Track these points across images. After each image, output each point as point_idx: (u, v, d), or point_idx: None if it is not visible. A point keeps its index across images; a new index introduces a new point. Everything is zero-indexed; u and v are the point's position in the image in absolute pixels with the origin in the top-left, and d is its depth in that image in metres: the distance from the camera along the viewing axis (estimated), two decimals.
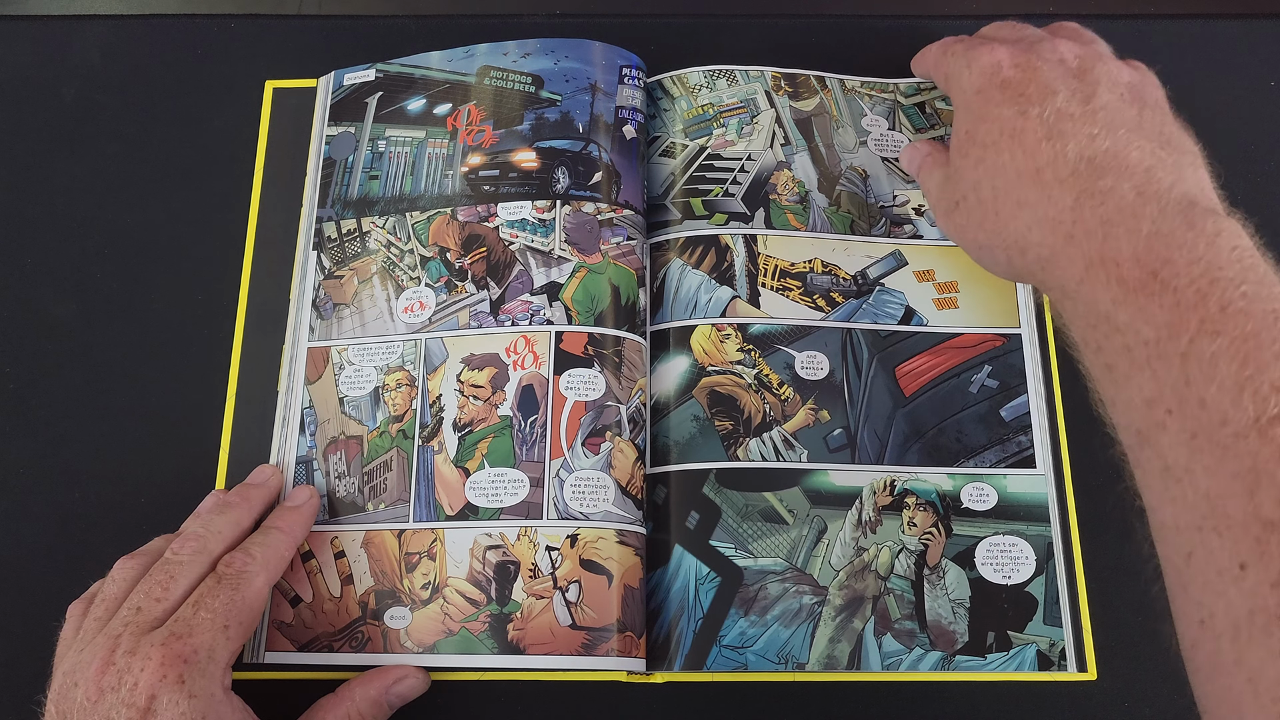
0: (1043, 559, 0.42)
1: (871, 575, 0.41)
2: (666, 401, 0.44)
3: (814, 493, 0.42)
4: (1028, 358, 0.45)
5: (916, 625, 0.41)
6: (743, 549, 0.41)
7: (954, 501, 0.43)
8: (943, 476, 0.43)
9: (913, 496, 0.43)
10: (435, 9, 0.53)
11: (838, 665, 0.40)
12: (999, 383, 0.44)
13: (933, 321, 0.45)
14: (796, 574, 0.41)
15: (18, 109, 0.51)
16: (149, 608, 0.35)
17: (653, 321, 0.45)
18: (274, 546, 0.39)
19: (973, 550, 0.42)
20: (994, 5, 0.53)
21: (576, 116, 0.46)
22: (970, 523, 0.42)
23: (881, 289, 0.46)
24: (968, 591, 0.41)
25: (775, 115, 0.48)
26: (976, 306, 0.46)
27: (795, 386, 0.44)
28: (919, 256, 0.47)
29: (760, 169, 0.47)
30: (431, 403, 0.43)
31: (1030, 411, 0.44)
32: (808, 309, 0.45)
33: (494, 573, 0.40)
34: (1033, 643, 0.41)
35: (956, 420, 0.44)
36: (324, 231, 0.47)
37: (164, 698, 0.33)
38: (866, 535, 0.42)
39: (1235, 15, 0.52)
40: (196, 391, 0.46)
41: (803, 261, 0.46)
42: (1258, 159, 0.49)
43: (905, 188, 0.47)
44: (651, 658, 0.40)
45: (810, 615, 0.41)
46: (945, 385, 0.44)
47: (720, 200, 0.46)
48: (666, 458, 0.43)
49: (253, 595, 0.36)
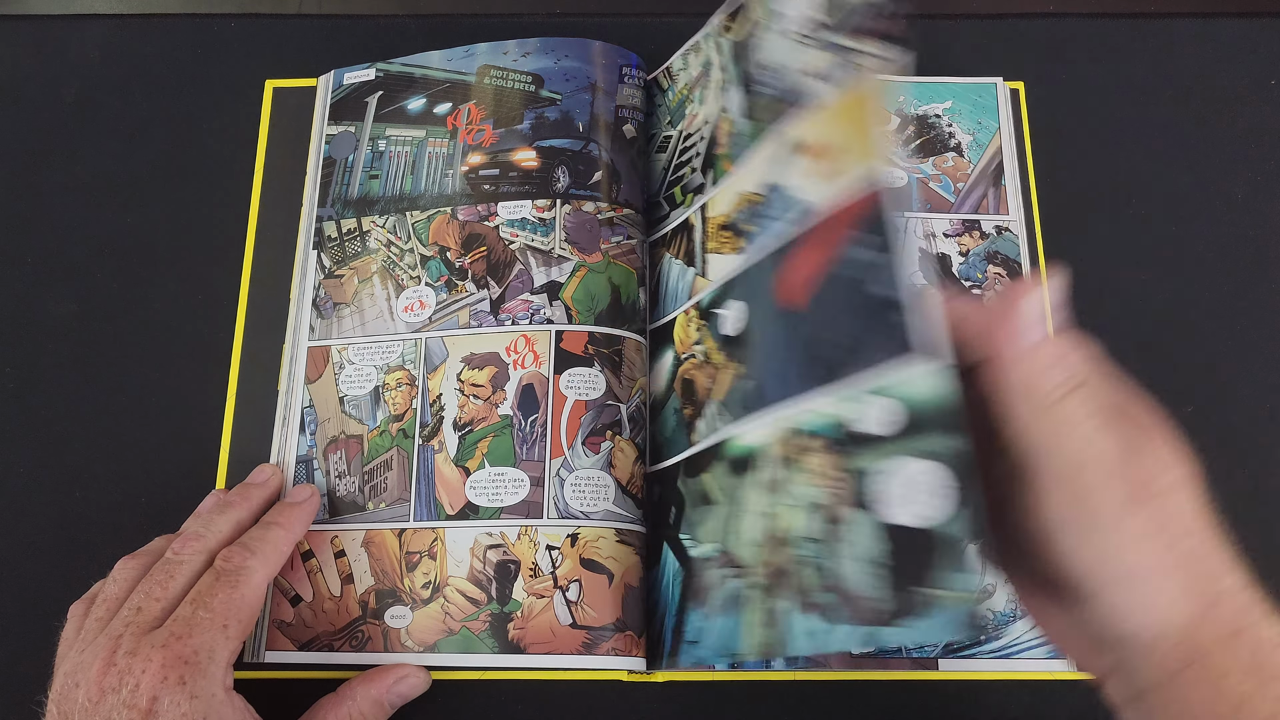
0: (964, 483, 0.28)
1: (783, 544, 0.34)
2: (659, 398, 0.44)
3: (731, 462, 0.37)
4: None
5: (835, 596, 0.32)
6: (692, 538, 0.39)
7: (850, 431, 0.32)
8: (832, 400, 0.32)
9: (810, 436, 0.33)
10: (435, 9, 0.53)
11: (775, 653, 0.34)
12: (870, 252, 0.32)
13: (809, 200, 0.35)
14: (724, 557, 0.37)
15: (18, 109, 0.51)
16: (149, 607, 0.35)
17: (651, 320, 0.45)
18: (272, 541, 0.39)
19: (881, 489, 0.30)
20: (994, 5, 0.53)
21: (576, 116, 0.46)
22: (874, 453, 0.31)
23: (776, 190, 0.37)
24: (883, 545, 0.30)
25: (720, 62, 0.43)
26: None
27: (724, 348, 0.39)
28: (798, 129, 0.36)
29: (711, 128, 0.43)
30: (432, 402, 0.43)
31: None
32: (736, 257, 0.39)
33: (494, 572, 0.40)
34: (955, 601, 0.28)
35: (846, 323, 0.33)
36: (324, 231, 0.47)
37: (165, 699, 0.33)
38: (776, 497, 0.34)
39: (1235, 15, 0.53)
40: (196, 391, 0.46)
41: (731, 209, 0.40)
42: (1258, 159, 0.49)
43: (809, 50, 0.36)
44: (650, 657, 0.40)
45: (739, 601, 0.35)
46: (829, 281, 0.33)
47: (691, 178, 0.45)
48: (659, 455, 0.43)
49: (251, 592, 0.36)
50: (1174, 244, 0.48)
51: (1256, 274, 0.47)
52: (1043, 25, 0.51)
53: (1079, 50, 0.51)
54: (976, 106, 0.50)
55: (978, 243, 0.47)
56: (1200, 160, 0.49)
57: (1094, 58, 0.51)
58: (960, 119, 0.49)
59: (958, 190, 0.48)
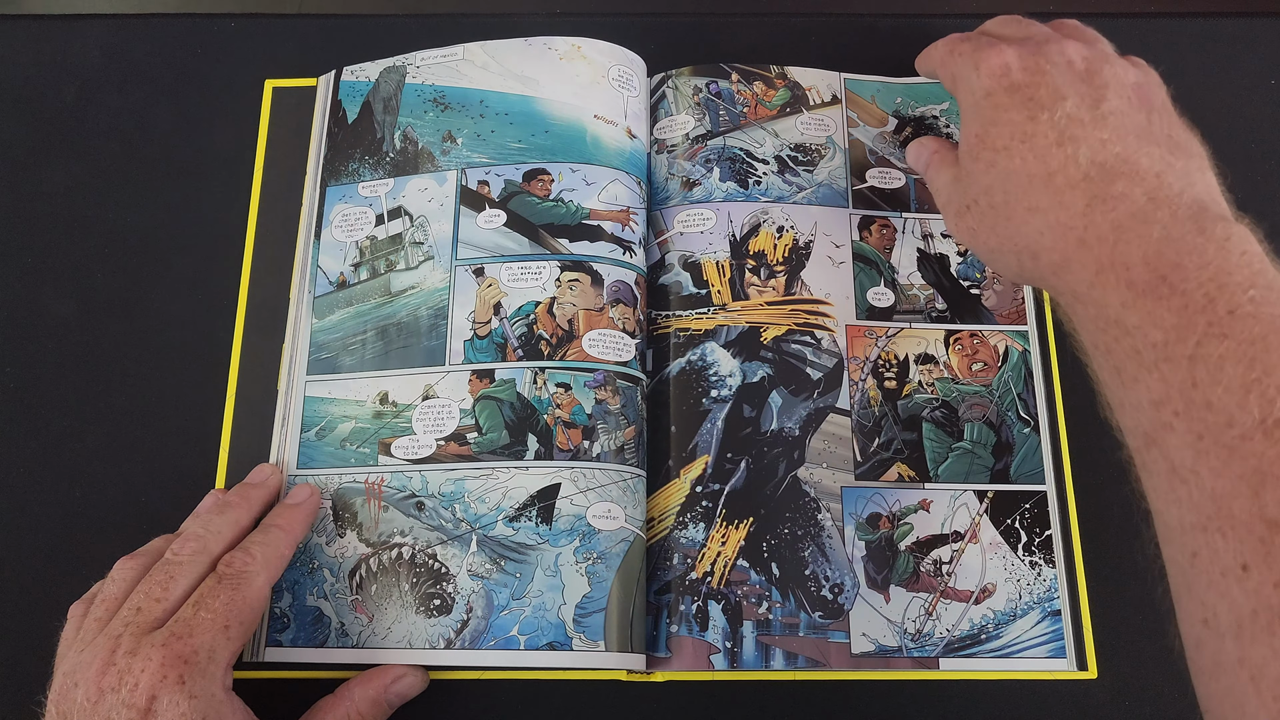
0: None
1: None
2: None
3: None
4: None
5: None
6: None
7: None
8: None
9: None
10: (435, 9, 0.53)
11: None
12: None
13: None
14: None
15: (18, 109, 0.51)
16: (149, 608, 0.35)
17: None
18: (274, 545, 0.39)
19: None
20: (994, 4, 0.53)
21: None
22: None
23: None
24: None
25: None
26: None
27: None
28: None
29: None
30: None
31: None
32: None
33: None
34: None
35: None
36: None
37: (164, 698, 0.33)
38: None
39: (1235, 15, 0.53)
40: (196, 391, 0.46)
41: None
42: (1258, 159, 0.49)
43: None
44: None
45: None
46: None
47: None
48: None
49: (253, 595, 0.36)
50: None
51: None
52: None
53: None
54: None
55: None
56: None
57: None
58: (957, 120, 0.49)
59: None
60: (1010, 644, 0.41)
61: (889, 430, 0.45)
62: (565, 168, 0.45)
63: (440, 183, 0.46)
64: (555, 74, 0.47)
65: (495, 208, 0.45)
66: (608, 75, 0.47)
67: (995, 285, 0.47)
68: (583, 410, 0.42)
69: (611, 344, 0.43)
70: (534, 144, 0.46)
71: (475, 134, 0.47)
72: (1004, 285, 0.47)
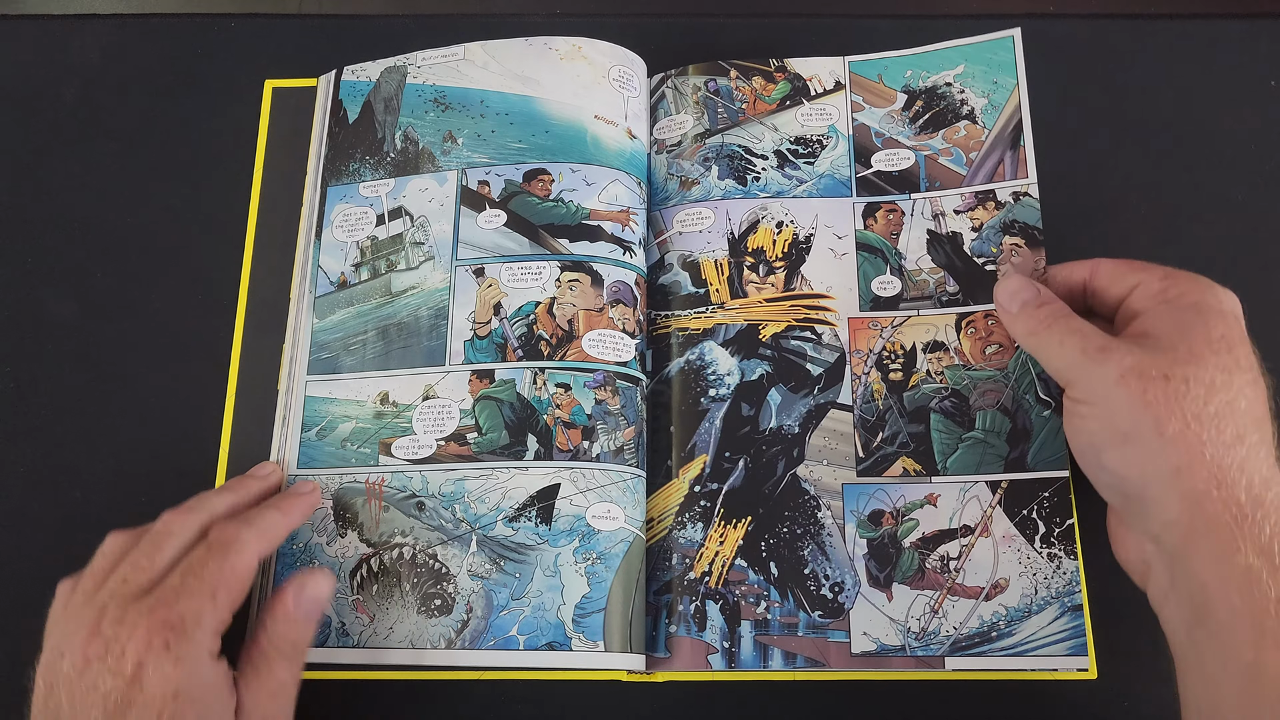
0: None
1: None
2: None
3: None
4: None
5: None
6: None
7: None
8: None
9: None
10: (435, 9, 0.53)
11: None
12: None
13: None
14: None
15: (18, 109, 0.51)
16: (135, 577, 0.35)
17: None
18: (268, 519, 0.38)
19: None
20: (994, 4, 0.53)
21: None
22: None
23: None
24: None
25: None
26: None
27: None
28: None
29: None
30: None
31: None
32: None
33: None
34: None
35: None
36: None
37: (150, 665, 0.32)
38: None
39: (1235, 15, 0.52)
40: (196, 391, 0.46)
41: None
42: (1258, 159, 0.49)
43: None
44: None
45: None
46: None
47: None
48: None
49: (242, 564, 0.36)
50: (1174, 244, 0.48)
51: (1257, 274, 0.47)
52: (1042, 26, 0.51)
53: (1079, 50, 0.51)
54: (991, 65, 0.48)
55: (992, 214, 0.46)
56: (1200, 160, 0.49)
57: (1094, 58, 0.51)
58: (973, 82, 0.48)
59: (970, 161, 0.47)
60: (1023, 642, 0.40)
61: (893, 424, 0.44)
62: (565, 168, 0.45)
63: (441, 183, 0.46)
64: (555, 74, 0.47)
65: (495, 208, 0.45)
66: (608, 75, 0.47)
67: (1013, 258, 0.45)
68: (582, 410, 0.42)
69: (611, 344, 0.43)
70: (534, 144, 0.46)
71: (476, 134, 0.47)
72: (1022, 259, 0.45)
